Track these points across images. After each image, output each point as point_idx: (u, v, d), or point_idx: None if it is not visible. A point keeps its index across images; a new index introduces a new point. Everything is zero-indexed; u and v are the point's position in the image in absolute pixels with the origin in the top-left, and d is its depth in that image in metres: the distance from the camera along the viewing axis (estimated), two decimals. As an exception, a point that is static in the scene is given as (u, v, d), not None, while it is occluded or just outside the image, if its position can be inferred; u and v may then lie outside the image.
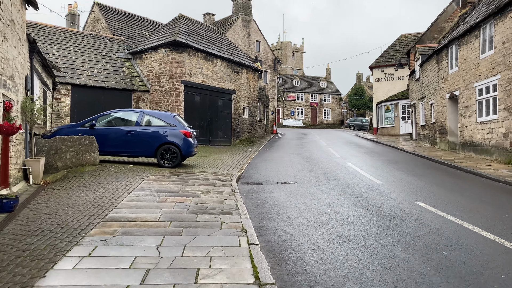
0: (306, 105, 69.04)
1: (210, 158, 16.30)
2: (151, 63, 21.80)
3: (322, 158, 16.41)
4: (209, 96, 22.78)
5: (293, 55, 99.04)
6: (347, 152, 19.04)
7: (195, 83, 21.75)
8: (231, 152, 19.49)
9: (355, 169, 12.97)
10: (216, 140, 23.27)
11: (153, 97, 21.63)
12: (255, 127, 27.01)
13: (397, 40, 35.77)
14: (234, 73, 24.63)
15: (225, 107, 23.95)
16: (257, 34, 40.23)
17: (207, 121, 22.66)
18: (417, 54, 23.10)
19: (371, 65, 34.62)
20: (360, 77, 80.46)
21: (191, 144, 12.67)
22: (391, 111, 31.95)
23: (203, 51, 22.10)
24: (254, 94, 26.73)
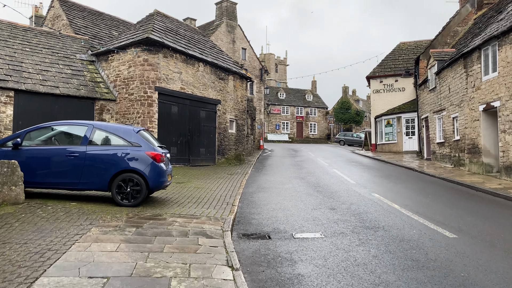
0: (291, 119, 65.86)
1: (189, 185, 12.51)
2: (119, 66, 17.96)
3: (335, 186, 12.81)
4: (189, 107, 19.03)
5: (277, 68, 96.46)
6: (360, 176, 15.52)
7: (172, 90, 17.99)
8: (216, 175, 15.72)
9: (393, 206, 9.39)
10: (198, 160, 19.45)
11: (120, 107, 17.75)
12: (242, 143, 23.32)
13: (396, 48, 32.94)
14: (219, 80, 20.99)
15: (209, 119, 20.22)
16: (242, 41, 36.85)
17: (186, 137, 18.87)
18: (431, 60, 19.97)
19: (368, 75, 31.58)
20: (346, 90, 78.18)
21: (163, 172, 8.90)
22: (392, 126, 28.81)
23: (182, 52, 18.42)
24: (242, 105, 23.10)
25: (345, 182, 13.74)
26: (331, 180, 14.27)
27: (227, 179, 14.63)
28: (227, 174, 16.29)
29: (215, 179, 14.49)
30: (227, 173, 16.50)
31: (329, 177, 15.01)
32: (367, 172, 17.22)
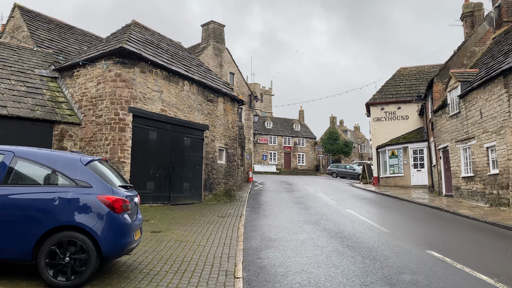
0: (279, 149, 62.97)
1: (169, 236, 9.12)
2: (86, 82, 14.74)
3: (366, 236, 9.59)
4: (171, 132, 15.80)
5: (262, 98, 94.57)
6: (385, 219, 12.38)
7: (151, 112, 14.80)
8: (203, 218, 12.34)
9: (481, 279, 6.22)
10: (180, 197, 16.03)
11: (86, 132, 14.40)
12: (233, 176, 20.03)
13: (396, 74, 30.70)
14: (207, 102, 17.91)
15: (194, 148, 16.98)
16: (230, 65, 34.20)
17: (167, 169, 15.52)
18: (452, 82, 17.40)
19: (368, 102, 29.06)
20: (333, 120, 76.17)
21: (125, 228, 5.59)
22: (398, 157, 26.03)
23: (163, 67, 15.36)
24: (233, 131, 19.98)
25: (373, 229, 10.53)
26: (353, 226, 11.05)
27: (218, 224, 11.28)
28: (218, 216, 12.92)
29: (203, 224, 11.12)
30: (217, 215, 13.13)
31: (348, 222, 11.78)
32: (389, 213, 14.10)
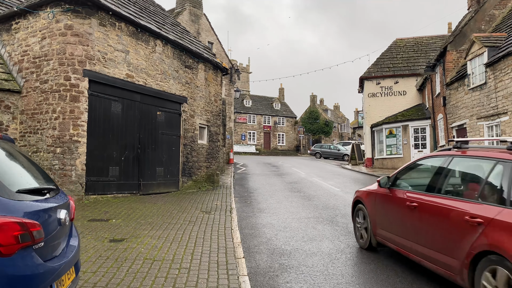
0: (258, 129, 60.10)
1: (134, 251, 6.15)
2: (27, 37, 11.31)
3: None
4: (140, 105, 12.63)
5: (239, 76, 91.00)
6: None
7: (114, 78, 11.56)
8: (182, 215, 9.38)
9: None
10: (153, 185, 12.98)
11: (29, 102, 11.07)
12: (216, 159, 17.04)
13: (392, 45, 28.08)
14: (185, 69, 14.71)
15: (170, 125, 13.87)
16: (209, 33, 30.74)
17: (135, 150, 12.41)
18: (475, 48, 14.80)
19: (362, 75, 26.40)
20: (314, 99, 73.75)
21: (27, 284, 2.56)
22: (396, 137, 23.60)
23: (130, 21, 12.06)
24: (216, 105, 16.88)
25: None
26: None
27: (203, 224, 8.38)
28: (201, 211, 10.00)
29: (183, 225, 8.19)
30: (200, 210, 10.21)
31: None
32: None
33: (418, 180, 5.89)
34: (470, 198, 4.53)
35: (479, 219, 4.12)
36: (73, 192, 10.33)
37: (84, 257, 5.81)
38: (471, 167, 5.06)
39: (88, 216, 8.89)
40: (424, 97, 24.35)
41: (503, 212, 3.92)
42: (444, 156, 5.39)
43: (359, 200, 7.02)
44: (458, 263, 4.36)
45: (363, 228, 6.79)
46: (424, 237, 5.04)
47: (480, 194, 4.43)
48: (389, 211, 6.02)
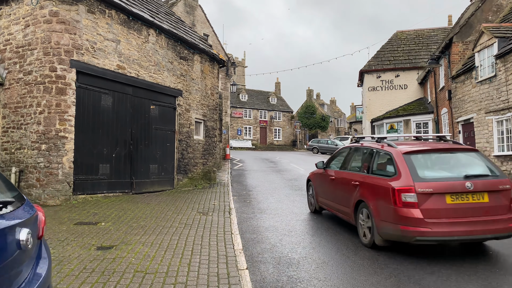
0: (254, 123, 59.36)
1: (124, 261, 5.44)
2: (10, 25, 10.50)
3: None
4: (132, 98, 11.88)
5: (234, 70, 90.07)
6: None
7: (103, 69, 10.79)
8: (177, 216, 8.67)
9: None
10: (146, 183, 12.26)
11: (12, 94, 10.29)
12: (213, 155, 16.31)
13: (393, 38, 27.42)
14: (180, 61, 13.95)
15: (164, 119, 13.13)
16: (204, 25, 29.90)
17: (127, 147, 11.67)
18: (484, 39, 14.16)
19: (362, 69, 25.74)
20: (310, 93, 73.15)
21: None
22: (398, 132, 22.99)
23: (121, 8, 11.27)
24: (212, 99, 16.13)
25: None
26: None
27: (200, 226, 7.69)
28: (198, 212, 9.31)
29: (178, 228, 7.49)
30: (197, 210, 9.52)
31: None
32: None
33: (338, 162, 8.59)
34: (357, 171, 7.35)
35: (357, 182, 7.00)
36: (59, 192, 9.60)
37: (66, 270, 5.11)
38: (363, 153, 7.64)
39: (75, 218, 8.18)
40: (426, 91, 23.73)
41: (367, 177, 6.79)
42: (350, 147, 8.42)
43: (309, 179, 10.04)
44: (350, 210, 7.17)
45: (311, 197, 9.70)
46: (337, 197, 7.95)
47: (361, 168, 7.29)
48: (323, 184, 8.89)
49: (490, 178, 6.03)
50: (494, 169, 6.25)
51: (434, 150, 6.60)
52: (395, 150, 6.40)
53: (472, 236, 5.72)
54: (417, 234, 5.63)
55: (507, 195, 5.91)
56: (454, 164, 6.40)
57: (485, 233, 5.72)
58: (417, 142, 7.28)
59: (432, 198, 5.71)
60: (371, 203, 6.36)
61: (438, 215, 5.66)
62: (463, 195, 5.75)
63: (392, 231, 5.93)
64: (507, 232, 5.78)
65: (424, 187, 5.72)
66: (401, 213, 5.75)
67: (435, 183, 5.80)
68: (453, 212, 5.70)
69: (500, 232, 5.75)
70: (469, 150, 6.67)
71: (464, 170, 6.12)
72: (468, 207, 5.74)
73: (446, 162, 6.48)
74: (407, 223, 5.68)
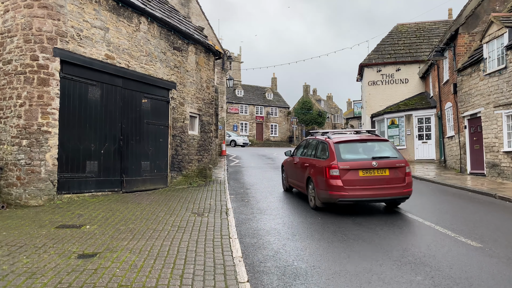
0: (251, 119, 58.59)
1: (107, 272, 4.70)
2: (-12, 11, 9.69)
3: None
4: (122, 90, 11.11)
5: (230, 65, 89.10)
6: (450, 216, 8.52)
7: (90, 59, 10.01)
8: (170, 218, 7.94)
9: None
10: (138, 181, 11.52)
11: (-10, 86, 9.49)
12: (208, 151, 15.56)
13: (394, 30, 26.73)
14: (174, 51, 13.17)
15: (157, 113, 12.38)
16: (199, 18, 29.05)
17: (117, 142, 10.91)
18: (494, 29, 13.50)
19: (362, 62, 25.03)
20: (307, 89, 72.47)
21: None
22: (399, 127, 22.34)
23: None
24: (207, 93, 15.37)
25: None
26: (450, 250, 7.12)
27: (195, 230, 6.98)
28: (192, 213, 8.59)
29: (170, 232, 6.77)
30: (191, 211, 8.81)
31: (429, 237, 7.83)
32: (451, 208, 10.28)
33: (299, 151, 11.02)
34: (309, 157, 9.86)
35: (307, 164, 9.56)
36: (42, 191, 8.85)
37: (38, 285, 4.39)
38: (313, 143, 10.01)
39: (57, 221, 7.44)
40: (427, 85, 23.09)
41: (313, 160, 9.32)
42: (307, 139, 10.83)
43: (282, 165, 12.57)
44: (303, 184, 9.73)
45: (284, 179, 12.25)
46: (297, 176, 10.38)
47: (311, 154, 9.80)
48: (290, 168, 11.41)
49: (391, 158, 8.53)
50: (395, 153, 8.80)
51: (355, 141, 9.09)
52: (330, 140, 8.97)
53: (377, 198, 8.37)
54: (339, 196, 8.22)
55: (402, 170, 8.45)
56: (368, 149, 8.84)
57: (386, 196, 8.33)
58: (351, 135, 9.70)
59: (349, 172, 8.26)
60: (314, 178, 9.00)
61: (353, 183, 8.21)
62: (371, 170, 8.29)
63: (325, 195, 8.46)
64: (402, 195, 8.44)
65: (344, 165, 8.28)
66: (330, 183, 8.28)
67: (352, 162, 8.36)
68: (364, 182, 8.23)
69: (397, 195, 8.39)
70: (382, 140, 9.25)
71: (374, 153, 8.65)
72: (374, 178, 8.26)
73: (363, 148, 8.90)
74: (333, 189, 8.24)
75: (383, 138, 9.46)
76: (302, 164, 10.02)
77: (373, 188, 8.19)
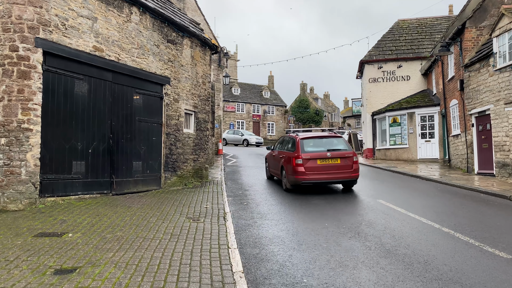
0: (247, 118, 57.83)
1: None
2: (-35, -2, 8.88)
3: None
4: (112, 85, 10.34)
5: (227, 63, 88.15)
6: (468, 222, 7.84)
7: (77, 51, 9.25)
8: (163, 224, 7.20)
9: None
10: (129, 182, 10.76)
11: (-34, 80, 8.69)
12: (205, 150, 14.81)
13: (395, 26, 26.06)
14: (168, 44, 12.41)
15: (149, 110, 11.61)
16: (195, 13, 28.28)
17: (106, 141, 10.15)
18: (505, 21, 12.84)
19: (363, 59, 24.35)
20: (304, 87, 71.86)
21: None
22: (401, 125, 21.68)
23: (97, -20, 9.70)
24: (204, 89, 14.62)
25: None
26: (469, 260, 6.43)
27: (190, 238, 6.26)
28: (187, 218, 7.87)
29: (162, 241, 6.04)
30: (186, 216, 8.08)
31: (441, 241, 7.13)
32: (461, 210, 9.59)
33: (277, 145, 13.38)
34: (283, 150, 12.18)
35: (282, 156, 11.94)
36: (22, 194, 8.09)
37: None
38: (287, 140, 12.52)
39: (36, 228, 6.69)
40: (430, 82, 22.45)
41: (285, 153, 11.68)
42: (284, 136, 13.32)
43: (266, 157, 14.69)
44: (279, 172, 12.10)
45: (267, 169, 14.43)
46: (275, 166, 12.59)
47: (285, 148, 12.18)
48: (271, 159, 13.55)
49: (342, 150, 10.92)
50: (346, 146, 11.28)
51: (316, 137, 11.75)
52: (298, 137, 11.44)
53: (331, 180, 10.72)
54: (302, 179, 10.56)
55: (351, 159, 10.76)
56: (325, 144, 11.30)
57: (337, 179, 10.70)
58: (315, 133, 12.97)
59: (310, 161, 10.63)
60: (285, 166, 11.39)
61: (313, 169, 10.56)
62: (326, 159, 10.66)
63: (292, 179, 10.85)
64: (350, 178, 10.81)
65: (306, 156, 10.67)
66: (295, 169, 10.61)
67: (312, 153, 10.76)
68: (321, 168, 10.59)
69: (346, 178, 10.76)
70: (337, 137, 11.76)
71: (329, 147, 11.07)
72: (328, 165, 10.62)
73: (321, 143, 11.38)
74: (298, 174, 10.58)
75: (338, 135, 11.94)
76: (278, 156, 12.47)
77: (328, 173, 10.61)
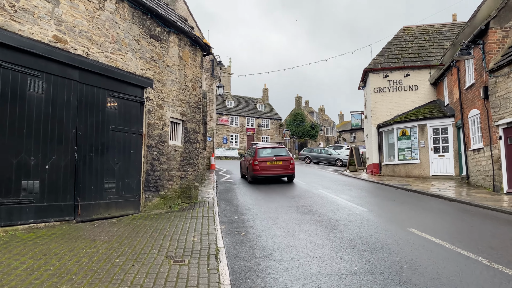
0: (241, 131, 55.91)
1: None
2: None
3: None
4: (79, 86, 8.36)
5: (220, 74, 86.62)
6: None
7: (30, 40, 7.29)
8: (131, 267, 5.15)
9: None
10: (99, 206, 8.70)
11: None
12: (194, 166, 12.77)
13: (400, 33, 24.49)
14: (151, 40, 10.50)
15: (127, 118, 9.61)
16: (187, 19, 26.44)
17: (69, 154, 8.11)
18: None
19: (367, 67, 22.65)
20: (299, 101, 70.36)
21: None
22: (411, 138, 19.84)
23: (60, -45, 7.81)
24: (194, 94, 12.66)
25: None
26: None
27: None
28: (167, 257, 5.84)
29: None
30: (165, 254, 6.05)
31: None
32: None
33: (247, 153, 20.48)
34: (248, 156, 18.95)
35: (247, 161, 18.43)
36: None
37: None
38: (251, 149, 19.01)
39: None
40: (441, 92, 20.75)
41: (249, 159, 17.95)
42: (251, 146, 21.22)
43: (240, 162, 21.66)
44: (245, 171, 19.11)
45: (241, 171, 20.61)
46: (244, 168, 19.41)
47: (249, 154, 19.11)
48: (242, 163, 20.28)
49: (283, 156, 17.24)
50: (287, 153, 17.66)
51: (268, 147, 17.98)
52: (256, 147, 17.66)
53: (276, 175, 17.03)
54: (258, 174, 16.74)
55: (289, 162, 17.03)
56: (273, 152, 17.45)
57: (280, 174, 17.10)
58: (269, 144, 20.73)
59: (262, 163, 16.72)
60: (248, 167, 17.45)
61: (264, 168, 16.71)
62: (272, 162, 16.82)
63: (252, 175, 16.97)
64: (288, 174, 17.12)
65: (260, 159, 16.73)
66: (254, 168, 16.73)
67: (264, 158, 16.88)
68: (269, 167, 16.78)
69: (286, 173, 17.12)
70: (282, 147, 18.29)
71: (275, 153, 17.26)
72: (274, 166, 16.84)
73: (271, 151, 17.47)
74: (255, 171, 16.73)
75: (282, 146, 18.67)
76: (245, 161, 18.52)
77: (274, 170, 16.83)
